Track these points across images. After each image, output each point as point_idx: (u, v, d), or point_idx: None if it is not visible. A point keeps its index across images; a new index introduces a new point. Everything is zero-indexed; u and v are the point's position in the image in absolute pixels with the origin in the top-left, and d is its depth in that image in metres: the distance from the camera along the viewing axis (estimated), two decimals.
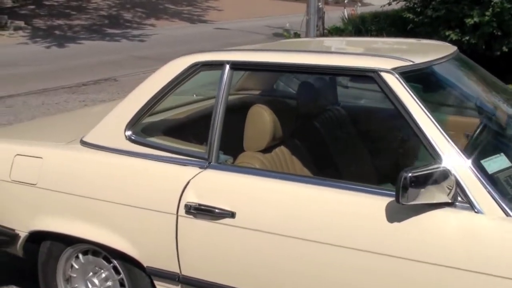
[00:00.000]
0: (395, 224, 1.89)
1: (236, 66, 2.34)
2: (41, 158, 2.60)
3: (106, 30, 16.39)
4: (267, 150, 2.47)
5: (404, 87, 2.01)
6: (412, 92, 2.00)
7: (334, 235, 1.98)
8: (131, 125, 2.46)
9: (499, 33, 6.13)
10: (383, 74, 2.04)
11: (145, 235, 2.33)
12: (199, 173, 2.25)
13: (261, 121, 2.41)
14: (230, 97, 2.87)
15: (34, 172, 2.59)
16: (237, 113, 2.48)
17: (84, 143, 2.59)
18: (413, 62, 2.14)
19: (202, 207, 2.18)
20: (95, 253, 2.62)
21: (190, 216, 2.21)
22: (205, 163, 2.27)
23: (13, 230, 2.71)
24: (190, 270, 2.25)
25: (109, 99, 9.11)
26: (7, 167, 2.68)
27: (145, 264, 2.36)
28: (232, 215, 2.13)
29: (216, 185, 2.23)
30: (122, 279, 2.55)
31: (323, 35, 9.09)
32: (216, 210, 2.15)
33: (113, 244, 2.41)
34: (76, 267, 2.69)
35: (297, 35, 9.31)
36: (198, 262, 2.23)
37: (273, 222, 2.08)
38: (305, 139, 2.74)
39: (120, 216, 2.38)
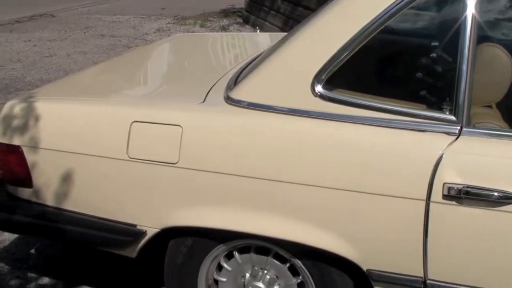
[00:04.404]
0: None
1: None
2: (179, 126, 1.84)
3: None
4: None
5: None
6: None
7: None
8: (321, 77, 1.74)
9: None
10: None
11: (368, 228, 1.69)
12: (452, 142, 1.62)
13: (500, 66, 1.80)
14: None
15: (171, 146, 1.84)
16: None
17: (235, 103, 1.85)
18: None
19: (472, 189, 1.57)
20: (259, 251, 1.96)
21: (452, 203, 1.60)
22: (455, 127, 1.64)
23: (134, 226, 1.97)
24: (444, 274, 1.66)
25: (58, 37, 7.97)
26: (121, 141, 1.90)
27: (365, 267, 1.74)
28: None
29: (486, 158, 1.61)
30: (302, 282, 1.93)
31: None
32: (495, 194, 1.55)
33: (311, 242, 1.75)
34: (229, 268, 2.01)
35: None
36: (459, 264, 1.65)
37: None
38: None
39: (322, 203, 1.71)
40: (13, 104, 2.11)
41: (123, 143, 1.89)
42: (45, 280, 2.59)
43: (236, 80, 2.00)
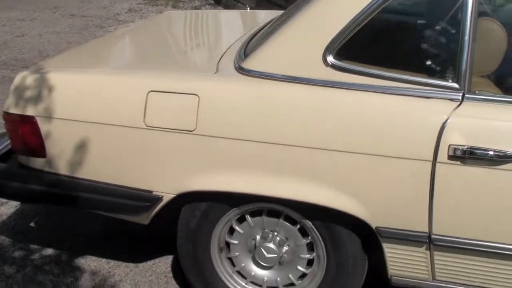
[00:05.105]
0: None
1: None
2: (196, 95, 1.92)
3: None
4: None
5: None
6: None
7: None
8: (332, 48, 1.85)
9: None
10: None
11: (378, 188, 1.82)
12: (456, 107, 1.76)
13: (496, 39, 1.94)
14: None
15: (189, 114, 1.92)
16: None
17: (247, 72, 1.94)
18: None
19: (475, 150, 1.71)
20: (270, 214, 2.07)
21: (456, 163, 1.74)
22: (459, 94, 1.78)
23: (151, 192, 2.04)
24: (447, 229, 1.81)
25: (27, 17, 7.82)
26: (137, 110, 1.97)
27: (374, 225, 1.87)
28: None
29: (487, 122, 1.75)
30: (311, 242, 2.06)
31: None
32: (496, 154, 1.70)
33: (324, 202, 1.86)
34: (240, 231, 2.12)
35: None
36: (461, 219, 1.79)
37: None
38: None
39: (335, 166, 1.82)
40: (24, 76, 2.14)
41: (140, 112, 1.96)
42: (49, 251, 2.64)
43: (244, 52, 2.09)
